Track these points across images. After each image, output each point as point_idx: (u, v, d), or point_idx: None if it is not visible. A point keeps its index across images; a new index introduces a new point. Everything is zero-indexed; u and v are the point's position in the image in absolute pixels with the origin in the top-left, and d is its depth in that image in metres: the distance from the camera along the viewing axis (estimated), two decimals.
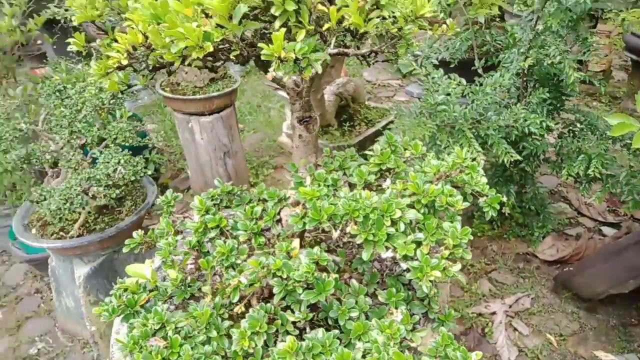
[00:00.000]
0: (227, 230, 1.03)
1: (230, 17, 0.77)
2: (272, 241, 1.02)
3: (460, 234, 0.89)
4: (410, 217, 0.90)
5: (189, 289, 0.99)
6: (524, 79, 2.13)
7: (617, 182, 2.05)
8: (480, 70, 2.26)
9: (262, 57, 0.77)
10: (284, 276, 0.87)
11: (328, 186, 0.98)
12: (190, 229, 1.02)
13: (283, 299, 0.98)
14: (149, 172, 1.93)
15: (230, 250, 0.95)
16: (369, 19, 0.80)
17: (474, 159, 1.00)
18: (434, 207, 0.98)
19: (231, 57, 0.85)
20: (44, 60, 2.92)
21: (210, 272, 0.96)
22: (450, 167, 1.00)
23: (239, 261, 0.94)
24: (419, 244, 0.92)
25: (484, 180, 1.03)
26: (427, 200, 0.93)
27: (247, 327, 0.87)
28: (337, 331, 0.91)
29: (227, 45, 0.84)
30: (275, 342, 0.92)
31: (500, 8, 2.43)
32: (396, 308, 0.97)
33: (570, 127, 2.34)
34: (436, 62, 2.14)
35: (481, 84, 2.14)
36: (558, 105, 2.25)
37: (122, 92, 1.05)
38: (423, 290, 0.85)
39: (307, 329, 0.93)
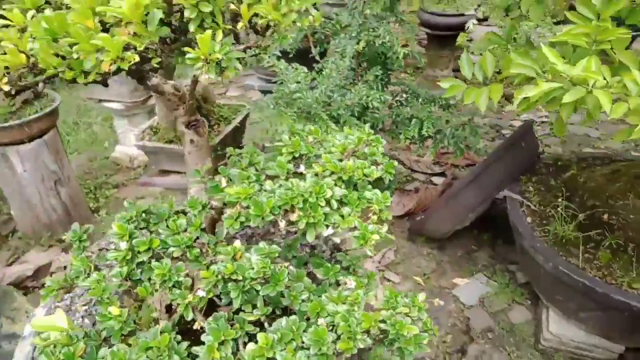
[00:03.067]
0: (157, 251, 0.96)
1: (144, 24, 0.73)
2: (205, 250, 0.99)
3: (383, 198, 1.01)
4: (339, 194, 0.98)
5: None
6: (358, 60, 2.36)
7: (444, 137, 2.43)
8: (317, 57, 2.43)
9: (188, 61, 0.75)
10: (239, 278, 0.87)
11: (251, 182, 0.99)
12: (113, 259, 0.92)
13: (229, 303, 0.98)
14: None
15: (169, 270, 0.90)
16: (284, 14, 0.84)
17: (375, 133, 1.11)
18: (349, 182, 1.07)
19: (154, 65, 0.80)
20: None
21: (148, 298, 0.90)
22: (357, 143, 1.10)
23: (181, 279, 0.90)
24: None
25: (381, 149, 1.16)
26: (348, 176, 1.02)
27: (211, 340, 0.85)
28: (294, 316, 0.94)
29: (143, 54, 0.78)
30: (237, 347, 0.92)
31: None
32: (336, 280, 1.05)
33: (397, 98, 2.68)
34: (278, 54, 2.23)
35: (320, 70, 2.31)
36: (386, 80, 2.55)
37: None
38: (367, 253, 0.95)
39: (265, 325, 0.95)
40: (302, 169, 1.08)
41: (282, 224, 0.89)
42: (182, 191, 2.47)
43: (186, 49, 0.74)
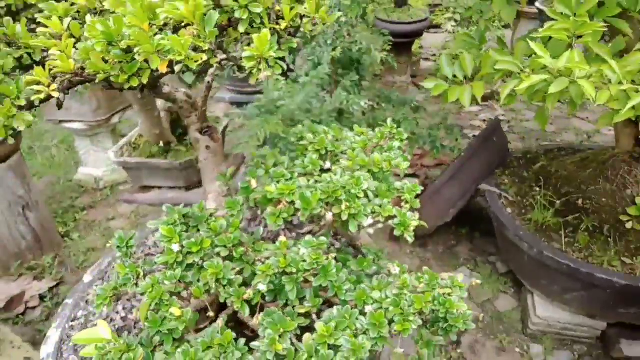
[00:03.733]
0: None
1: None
2: (246, 249, 0.99)
3: (413, 188, 1.05)
4: (373, 186, 1.02)
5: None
6: (334, 66, 2.43)
7: (419, 137, 2.53)
8: (292, 66, 2.47)
9: (245, 60, 0.76)
10: (293, 271, 0.88)
11: (287, 180, 1.01)
12: (162, 263, 0.91)
13: (270, 297, 0.99)
14: None
15: (221, 269, 0.90)
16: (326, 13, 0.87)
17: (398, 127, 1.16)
18: (375, 174, 1.11)
19: (213, 64, 0.80)
20: None
21: (202, 297, 0.89)
22: (379, 137, 1.15)
23: (232, 277, 0.90)
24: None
25: (397, 144, 1.21)
26: (378, 169, 1.06)
27: (272, 334, 0.86)
28: (344, 306, 0.96)
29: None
30: (290, 339, 0.93)
31: None
32: (367, 271, 1.08)
33: (370, 102, 2.76)
34: None
35: (296, 79, 2.35)
36: (360, 86, 2.63)
37: None
38: (408, 240, 0.99)
39: (314, 317, 0.96)
40: (328, 165, 1.11)
41: (329, 216, 0.92)
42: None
43: (245, 47, 0.76)
